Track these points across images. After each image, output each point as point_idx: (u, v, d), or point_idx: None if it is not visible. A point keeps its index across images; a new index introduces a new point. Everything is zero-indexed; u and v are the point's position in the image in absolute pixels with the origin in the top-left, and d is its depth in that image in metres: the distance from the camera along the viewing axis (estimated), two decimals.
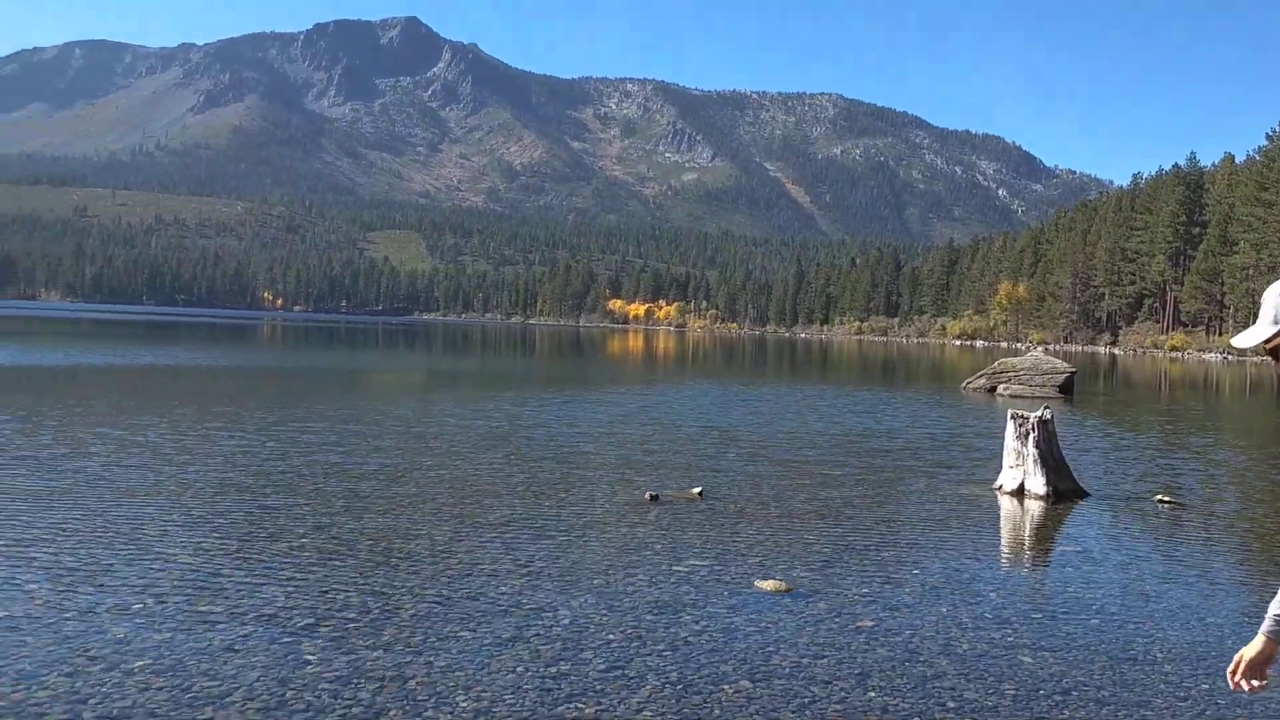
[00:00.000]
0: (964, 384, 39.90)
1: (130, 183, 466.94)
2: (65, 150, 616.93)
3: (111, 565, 9.16)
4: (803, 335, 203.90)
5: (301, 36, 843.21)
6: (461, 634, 7.62)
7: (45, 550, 9.60)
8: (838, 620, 8.33)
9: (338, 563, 9.57)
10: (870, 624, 8.26)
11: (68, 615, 7.70)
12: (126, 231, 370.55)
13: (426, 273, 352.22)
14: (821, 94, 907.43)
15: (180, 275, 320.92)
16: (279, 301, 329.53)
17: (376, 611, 8.08)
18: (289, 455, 16.19)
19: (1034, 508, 13.77)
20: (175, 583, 8.68)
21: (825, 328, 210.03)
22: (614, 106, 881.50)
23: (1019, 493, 14.33)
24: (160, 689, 6.36)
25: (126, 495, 12.38)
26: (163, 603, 8.10)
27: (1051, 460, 14.32)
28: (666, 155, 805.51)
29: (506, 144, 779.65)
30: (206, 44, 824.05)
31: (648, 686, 6.71)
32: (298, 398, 28.53)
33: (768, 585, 9.17)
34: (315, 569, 9.32)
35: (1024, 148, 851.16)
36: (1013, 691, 6.90)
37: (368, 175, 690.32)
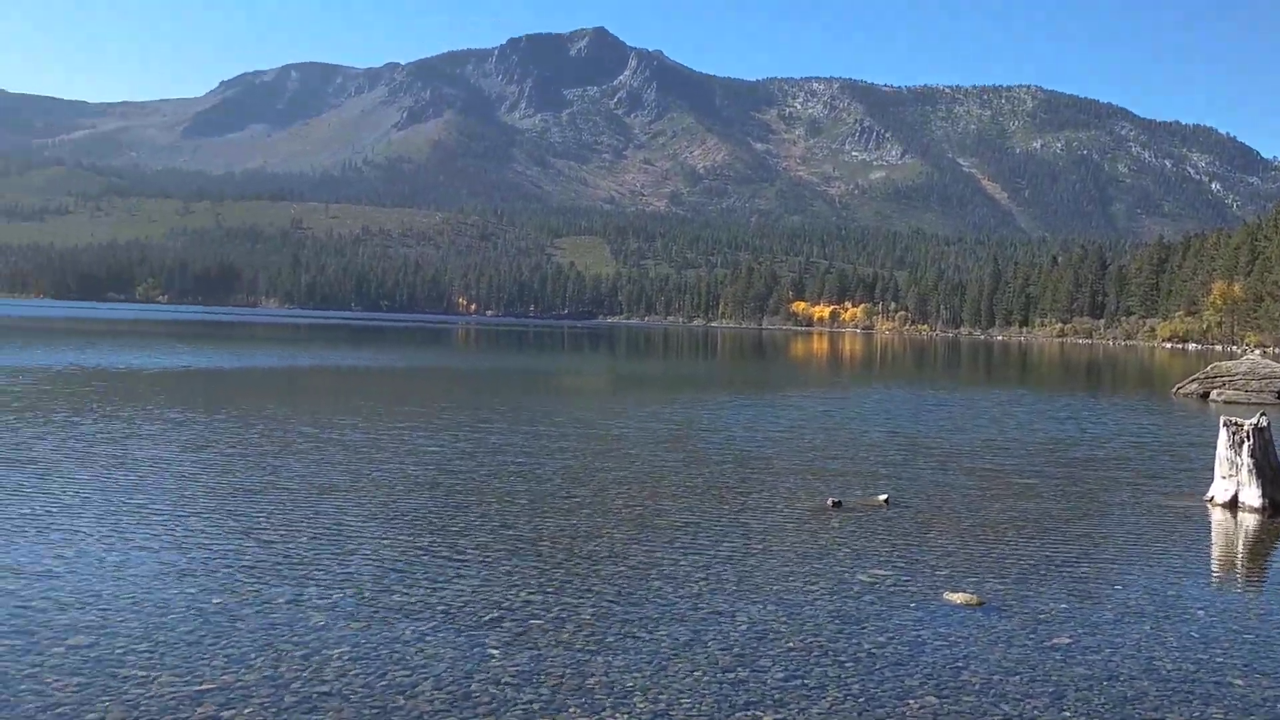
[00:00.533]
0: (1174, 389, 37.35)
1: (340, 196, 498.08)
2: (283, 167, 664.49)
3: (313, 558, 9.69)
4: (999, 337, 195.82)
5: (496, 52, 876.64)
6: (640, 635, 7.64)
7: (253, 542, 10.27)
8: (1032, 637, 7.88)
9: (520, 560, 9.80)
10: (1066, 641, 7.78)
11: (273, 604, 8.19)
12: (337, 242, 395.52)
13: (610, 277, 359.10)
14: (1019, 86, 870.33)
15: (384, 282, 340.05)
16: (472, 306, 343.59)
17: (557, 609, 8.21)
18: (476, 454, 16.76)
19: (1248, 521, 12.69)
20: (371, 575, 9.10)
21: (1024, 330, 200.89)
22: (799, 106, 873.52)
23: (1232, 505, 13.25)
24: (356, 675, 6.66)
25: (326, 491, 13.10)
26: (359, 594, 8.50)
27: (1269, 470, 13.17)
28: (853, 154, 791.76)
29: (690, 148, 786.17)
30: (409, 63, 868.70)
31: (828, 698, 6.53)
32: (486, 399, 29.55)
33: (957, 598, 8.78)
34: (499, 565, 9.58)
35: (1240, 139, 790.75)
36: (1220, 716, 6.35)
37: (555, 183, 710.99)
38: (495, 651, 7.18)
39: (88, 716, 5.91)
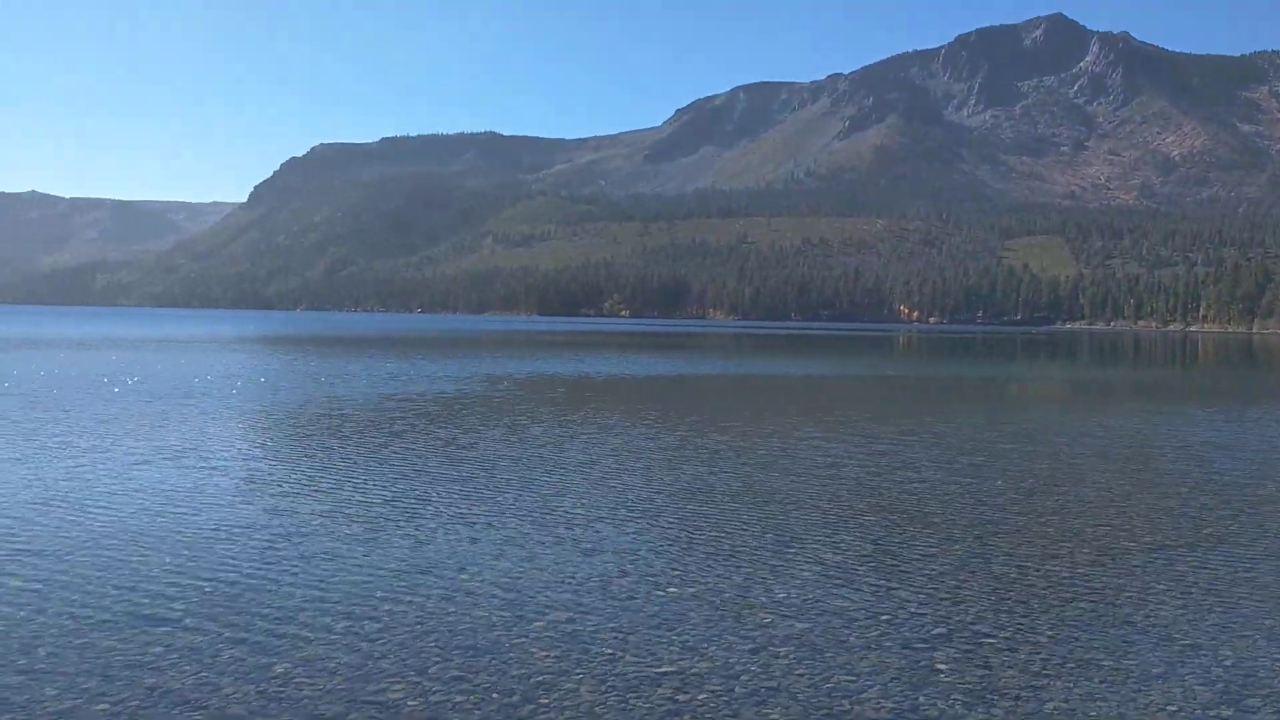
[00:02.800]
0: None
1: (782, 209, 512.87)
2: (730, 185, 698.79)
3: (756, 557, 9.99)
4: None
5: (943, 51, 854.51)
6: (1104, 663, 6.98)
7: (700, 539, 10.81)
8: None
9: (968, 576, 9.37)
10: None
11: (721, 597, 8.55)
12: (779, 254, 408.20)
13: (1070, 279, 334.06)
14: None
15: (824, 292, 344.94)
16: (914, 313, 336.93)
17: (1010, 630, 7.75)
18: (917, 465, 16.35)
19: None
20: (813, 578, 9.19)
21: None
22: None
23: None
24: (801, 675, 6.76)
25: (769, 495, 13.47)
26: (803, 595, 8.62)
27: None
28: None
29: (1162, 134, 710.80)
30: (852, 72, 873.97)
31: None
32: (930, 407, 28.75)
33: None
34: (947, 578, 9.24)
35: None
36: None
37: (1006, 181, 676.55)
38: (944, 667, 6.93)
39: (564, 685, 6.56)
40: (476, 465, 15.41)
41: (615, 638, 7.46)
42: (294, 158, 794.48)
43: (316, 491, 13.10)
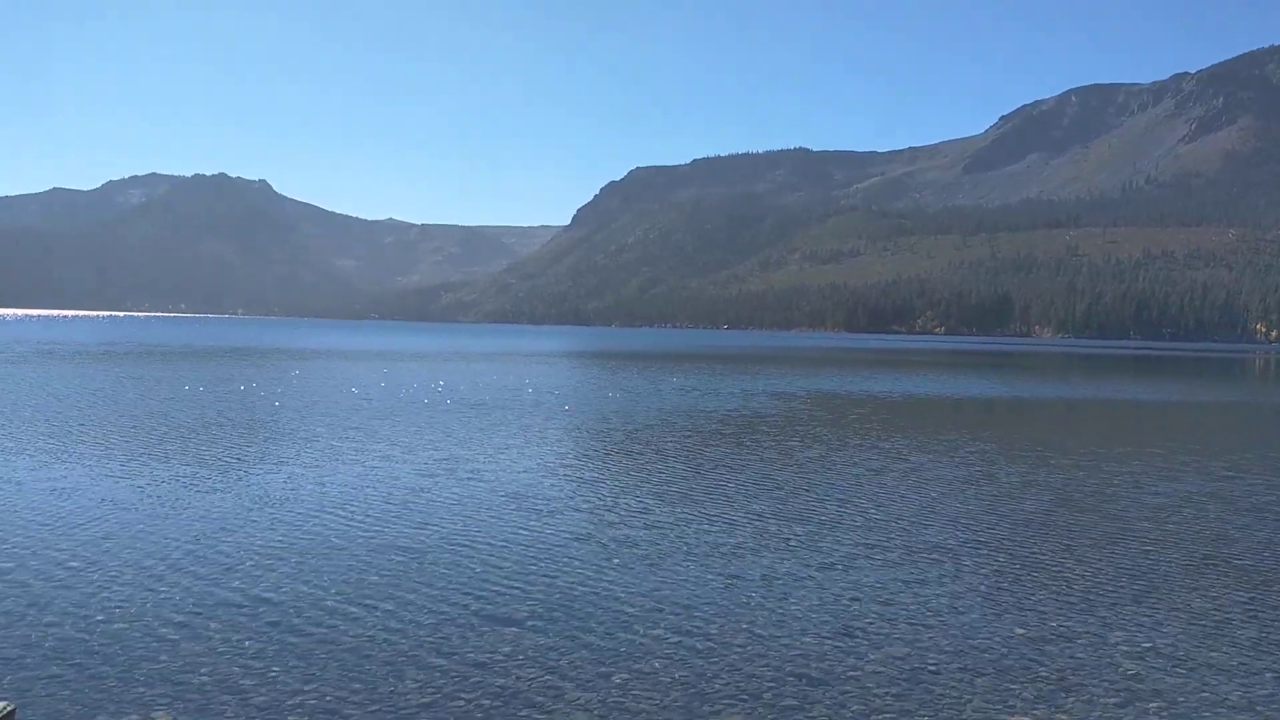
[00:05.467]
0: None
1: (1119, 219, 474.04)
2: (1059, 194, 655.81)
3: (1115, 597, 9.04)
4: None
5: None
6: None
7: (1054, 578, 9.95)
8: None
9: None
10: None
11: (1074, 642, 7.78)
12: (1115, 267, 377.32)
13: None
14: None
15: (1167, 308, 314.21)
16: (1274, 333, 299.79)
17: None
18: None
19: None
20: (1180, 625, 8.18)
21: None
22: None
23: None
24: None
25: (1132, 534, 12.24)
26: (1172, 647, 7.68)
27: None
28: None
29: None
30: (1199, 70, 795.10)
31: None
32: None
33: None
34: None
35: None
36: None
37: None
38: None
39: None
40: (796, 485, 15.21)
41: (961, 679, 6.97)
42: (612, 181, 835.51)
43: (638, 504, 13.41)
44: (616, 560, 10.11)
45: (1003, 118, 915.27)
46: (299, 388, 33.15)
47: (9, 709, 5.17)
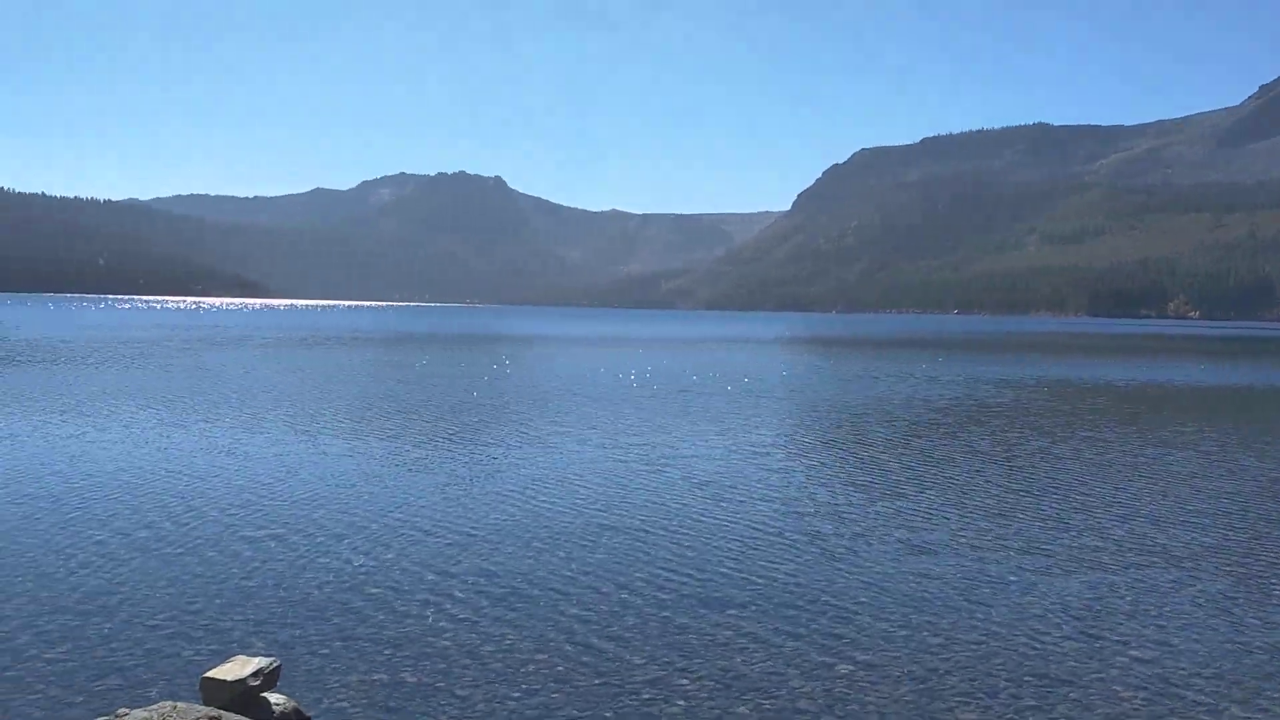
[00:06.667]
0: None
1: None
2: None
3: None
4: None
5: None
6: None
7: None
8: None
9: None
10: None
11: None
12: None
13: None
14: None
15: None
16: None
17: None
18: None
19: None
20: None
21: None
22: None
23: None
24: None
25: None
26: None
27: None
28: None
29: None
30: None
31: None
32: None
33: None
34: None
35: None
36: None
37: None
38: None
39: None
40: (1025, 479, 14.48)
41: (1214, 689, 6.41)
42: (836, 164, 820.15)
43: (860, 495, 13.14)
44: (839, 550, 9.94)
45: (1262, 87, 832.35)
46: (529, 373, 34.58)
47: (275, 664, 5.64)
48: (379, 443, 16.71)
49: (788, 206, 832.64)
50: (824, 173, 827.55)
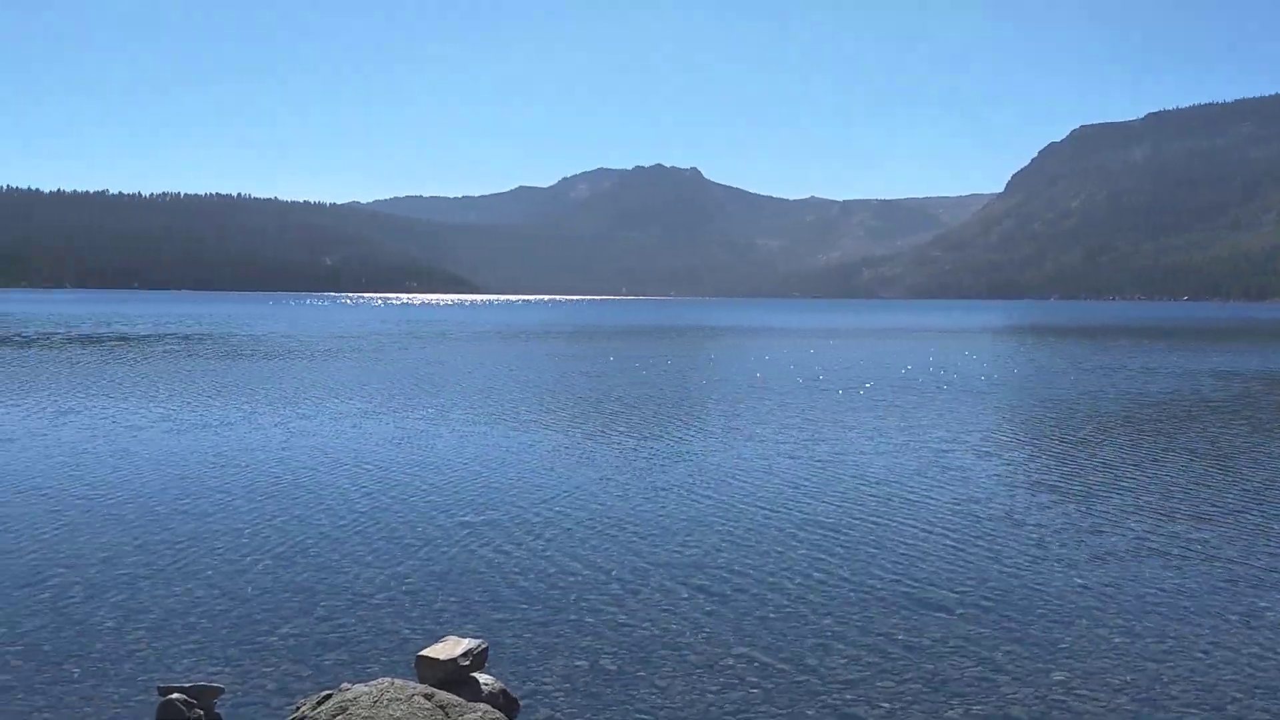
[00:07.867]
0: None
1: None
2: None
3: None
4: None
5: None
6: None
7: None
8: None
9: None
10: None
11: None
12: None
13: None
14: None
15: None
16: None
17: None
18: None
19: None
20: None
21: None
22: None
23: None
24: None
25: None
26: None
27: None
28: None
29: None
30: None
31: None
32: None
33: None
34: None
35: None
36: None
37: None
38: None
39: None
40: (1256, 481, 13.28)
41: None
42: (1052, 143, 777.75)
43: (1071, 496, 12.44)
44: (1053, 552, 9.42)
45: None
46: (727, 365, 34.64)
47: (484, 645, 5.88)
48: (582, 436, 17.18)
49: (1000, 188, 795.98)
50: (1040, 152, 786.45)
